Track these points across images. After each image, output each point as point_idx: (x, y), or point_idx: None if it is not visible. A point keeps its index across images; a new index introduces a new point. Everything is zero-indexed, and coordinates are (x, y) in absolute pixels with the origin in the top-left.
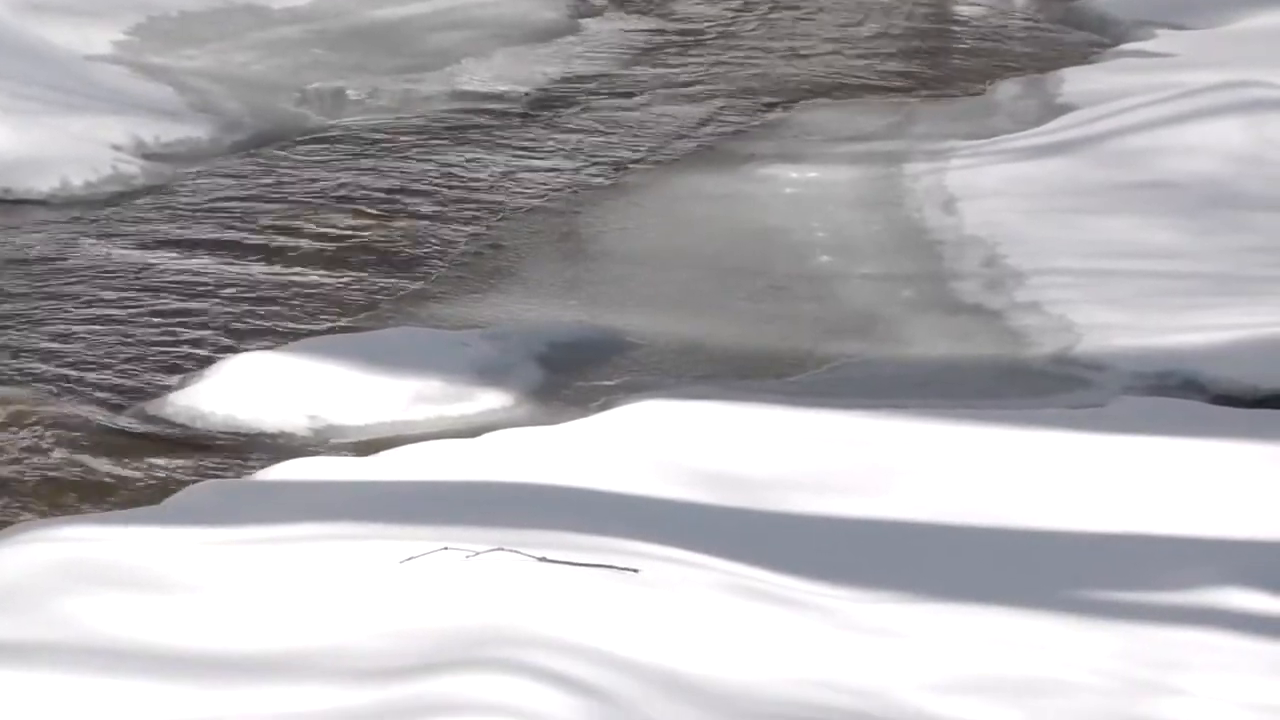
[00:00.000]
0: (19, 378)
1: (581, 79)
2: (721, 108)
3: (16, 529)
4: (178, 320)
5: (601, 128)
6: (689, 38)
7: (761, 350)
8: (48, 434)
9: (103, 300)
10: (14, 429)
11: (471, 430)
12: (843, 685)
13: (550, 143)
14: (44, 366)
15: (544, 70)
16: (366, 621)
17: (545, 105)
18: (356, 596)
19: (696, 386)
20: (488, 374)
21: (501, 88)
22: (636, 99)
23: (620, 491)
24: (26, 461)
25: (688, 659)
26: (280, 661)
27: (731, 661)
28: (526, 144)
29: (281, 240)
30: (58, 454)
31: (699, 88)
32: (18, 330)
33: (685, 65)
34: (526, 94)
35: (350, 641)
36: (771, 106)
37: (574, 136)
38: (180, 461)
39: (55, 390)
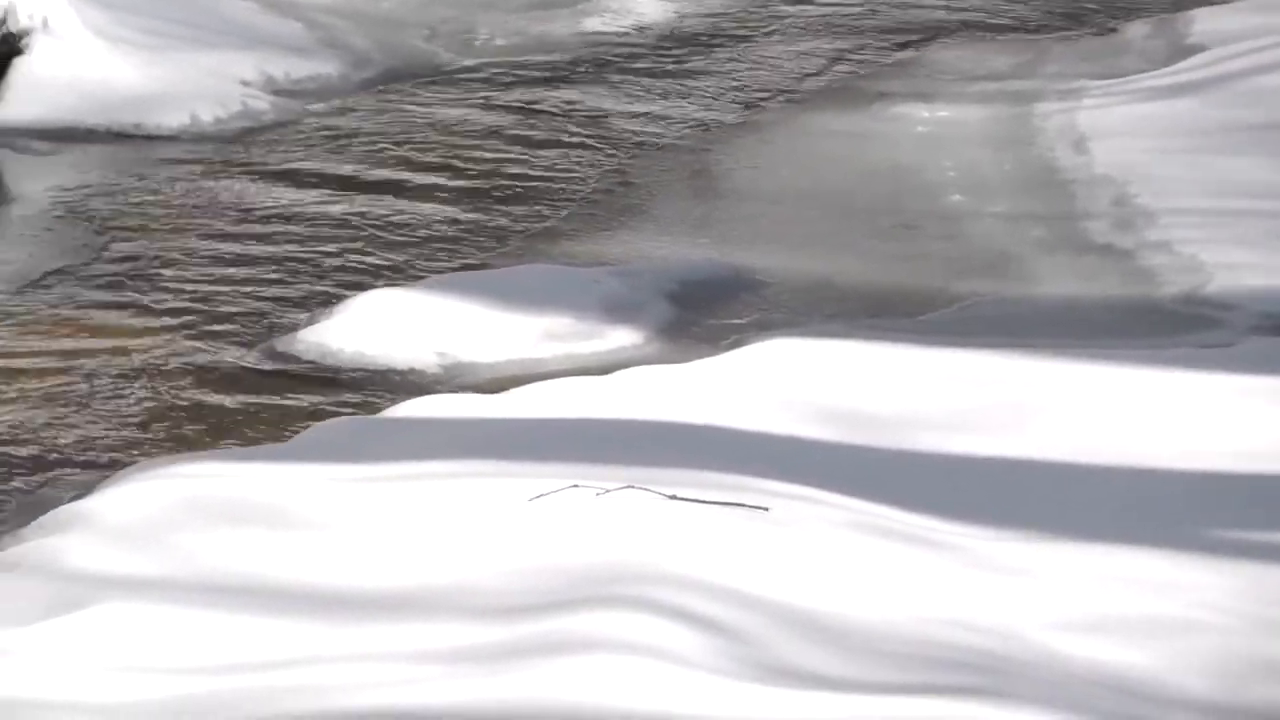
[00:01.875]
0: (148, 314)
1: (713, 16)
2: (853, 46)
3: (144, 466)
4: (307, 256)
5: (733, 66)
6: None
7: (891, 288)
8: (176, 371)
9: (232, 236)
10: (143, 365)
11: (601, 368)
12: (971, 624)
13: (681, 80)
14: (173, 303)
15: (675, 8)
16: (495, 559)
17: (677, 43)
18: (485, 534)
19: (827, 325)
20: (618, 311)
21: (632, 26)
22: (769, 38)
23: (750, 429)
24: (155, 398)
25: (817, 597)
26: (408, 599)
27: (860, 600)
28: (657, 81)
29: (410, 176)
30: (186, 390)
31: (831, 26)
32: (147, 267)
33: (817, 3)
34: (657, 32)
35: (479, 580)
36: (903, 45)
37: (705, 74)
38: (309, 398)
39: (184, 327)
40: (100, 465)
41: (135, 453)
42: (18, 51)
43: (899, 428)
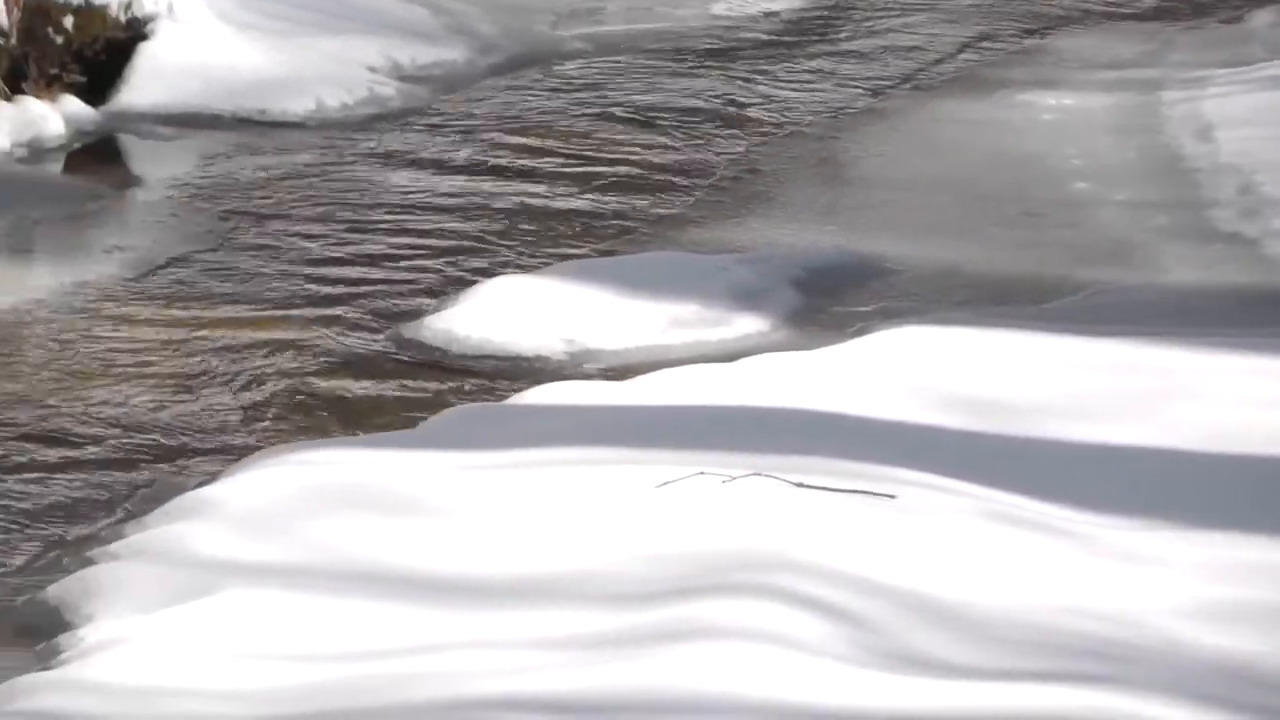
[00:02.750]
0: (273, 301)
1: (840, 3)
2: (979, 34)
3: (271, 452)
4: (433, 243)
5: (860, 52)
6: None
7: (1017, 276)
8: (301, 357)
9: (358, 222)
10: (268, 352)
11: (728, 355)
12: (1095, 611)
13: (808, 67)
14: (299, 290)
15: None
16: (620, 546)
17: (803, 30)
18: (611, 521)
19: (953, 312)
20: (745, 298)
21: (759, 11)
22: (895, 24)
23: (877, 417)
24: (280, 385)
25: (942, 584)
26: (533, 586)
27: (985, 587)
28: (784, 67)
29: (536, 163)
30: (311, 377)
31: (957, 14)
32: (274, 251)
33: None
34: (784, 18)
35: (604, 566)
36: (1029, 33)
37: (832, 61)
38: (435, 385)
39: (310, 314)
40: (225, 452)
41: (260, 439)
42: (143, 37)
43: (1024, 415)
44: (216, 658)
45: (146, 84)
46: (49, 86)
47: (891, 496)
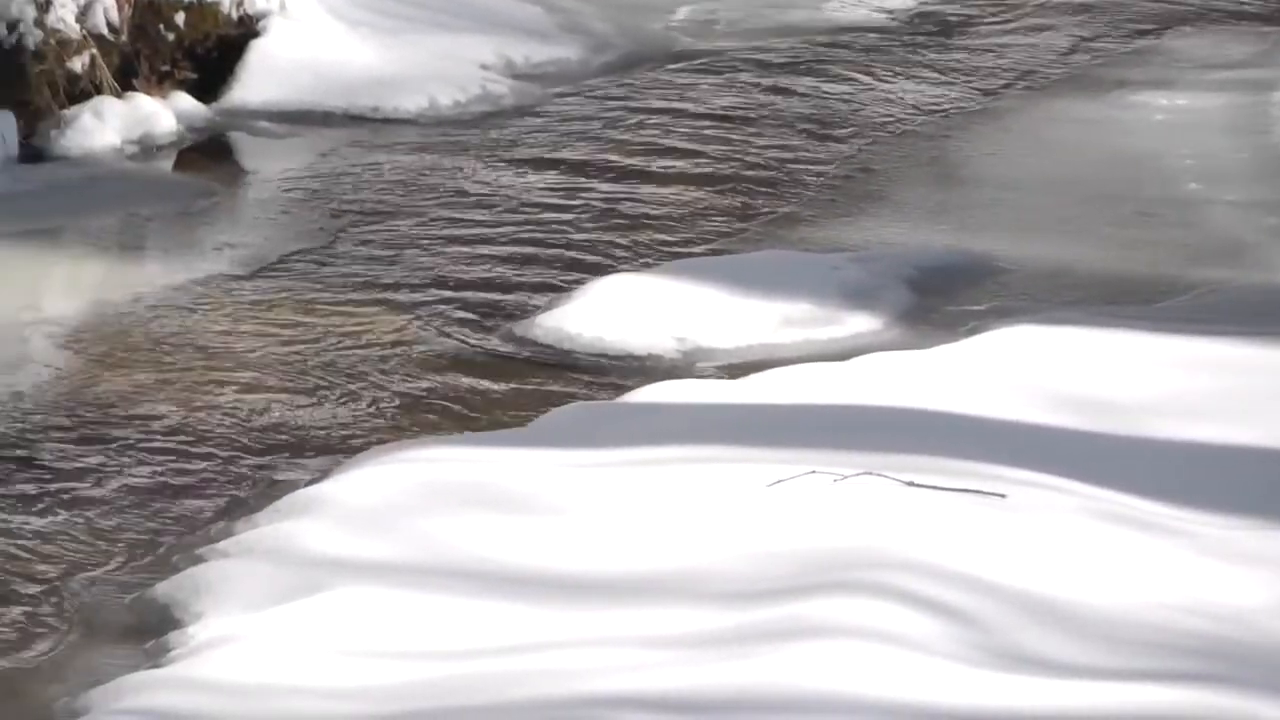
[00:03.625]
0: (385, 298)
1: (953, 3)
2: (1091, 33)
3: (382, 450)
4: (545, 240)
5: (971, 53)
6: None
7: (1128, 275)
8: (413, 355)
9: (470, 220)
10: (379, 349)
11: (840, 353)
12: (1206, 611)
13: (920, 68)
14: (411, 287)
15: None
16: (732, 545)
17: (916, 29)
18: (722, 519)
19: (1065, 311)
20: (856, 297)
21: (872, 14)
22: (1007, 24)
23: (988, 416)
24: (391, 382)
25: (1053, 583)
26: (644, 584)
27: (1096, 586)
28: (896, 67)
29: (649, 161)
30: (423, 375)
31: (1069, 13)
32: (384, 250)
33: None
34: (897, 18)
35: (715, 565)
36: (1141, 34)
37: (945, 60)
38: (547, 382)
39: (422, 311)
40: (337, 449)
41: (372, 437)
42: (255, 34)
43: (1135, 414)
44: (325, 656)
45: (258, 81)
46: (160, 83)
47: (1002, 496)
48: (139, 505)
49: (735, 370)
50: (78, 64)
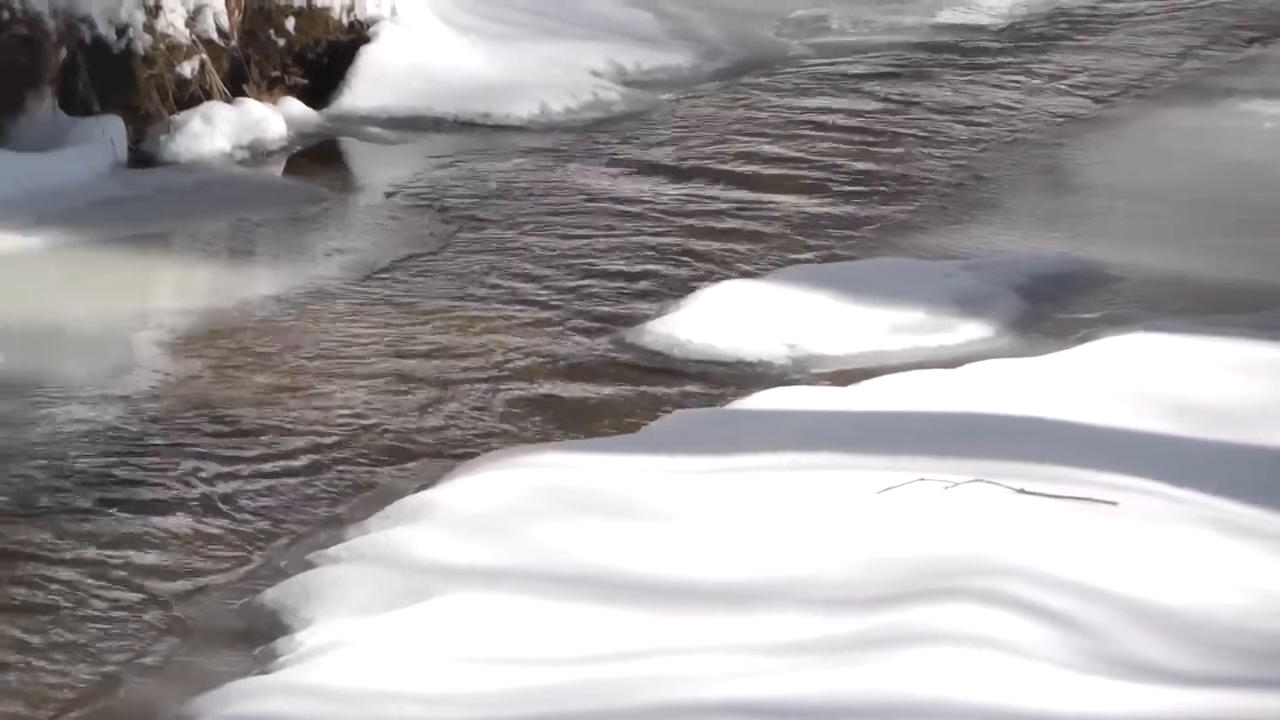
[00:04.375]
0: (495, 304)
1: (1063, 11)
2: (1201, 42)
3: (493, 456)
4: (656, 247)
5: (1083, 60)
6: None
7: (1238, 284)
8: (524, 361)
9: (581, 226)
10: (492, 354)
11: (951, 361)
12: None
13: (1032, 74)
14: (521, 293)
15: (1025, 1)
16: (843, 551)
17: (1027, 37)
18: (833, 526)
19: (1175, 320)
20: (968, 305)
21: (981, 20)
22: (1118, 32)
23: (1098, 423)
24: (502, 388)
25: (1164, 591)
26: (755, 591)
27: (1207, 595)
28: (1006, 76)
29: (760, 168)
30: (534, 381)
31: (1180, 22)
32: (497, 255)
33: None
34: (1007, 25)
35: (826, 571)
36: (1250, 42)
37: (1055, 68)
38: (658, 389)
39: (532, 317)
40: (446, 455)
41: (482, 443)
42: (365, 39)
43: (1245, 423)
44: (435, 662)
45: (369, 86)
46: (270, 89)
47: (1112, 503)
48: (248, 511)
49: (846, 377)
50: (187, 69)
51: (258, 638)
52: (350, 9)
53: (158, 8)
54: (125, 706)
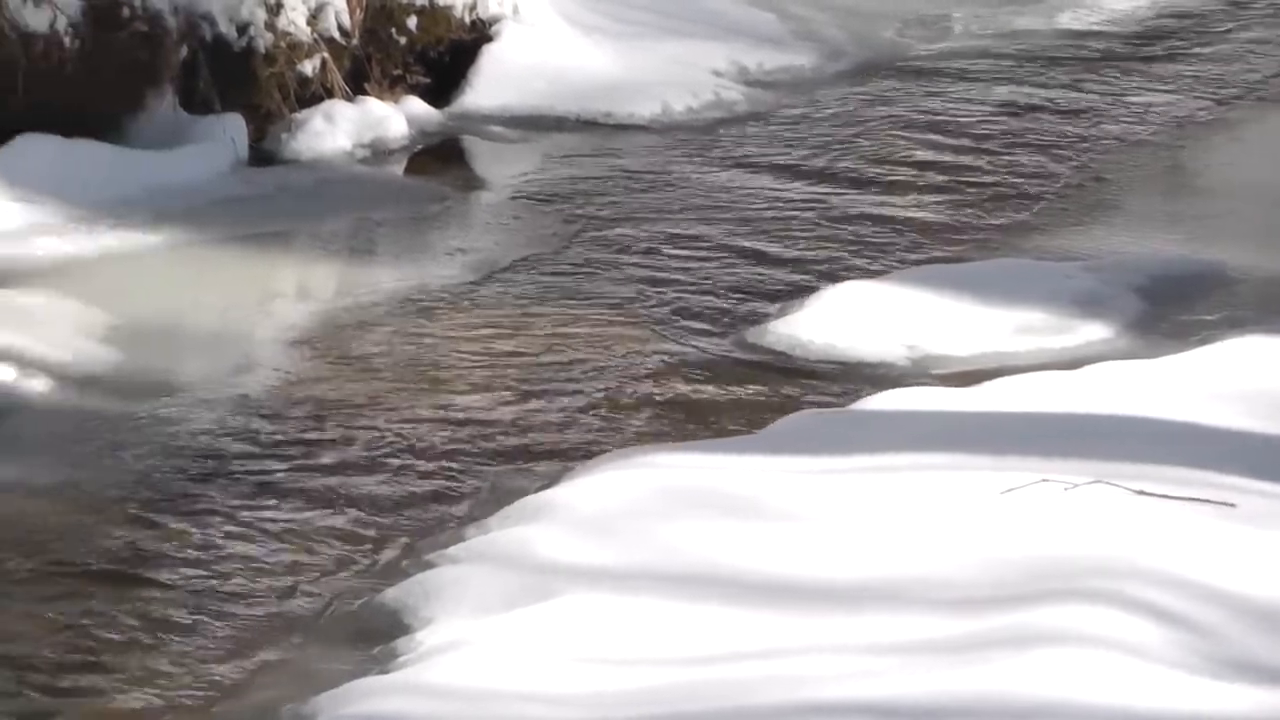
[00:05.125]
0: (618, 304)
1: (1185, 13)
2: None
3: (614, 455)
4: (778, 248)
5: (1204, 62)
6: None
7: None
8: (646, 361)
9: (703, 226)
10: (613, 353)
11: (1071, 362)
12: None
13: (1153, 75)
14: (643, 291)
15: (1148, 3)
16: (963, 552)
17: (1149, 39)
18: (955, 526)
19: None
20: (1088, 306)
21: (1102, 21)
22: (1241, 34)
23: (1218, 425)
24: (623, 388)
25: None
26: (877, 591)
27: None
28: (1128, 76)
29: (881, 169)
30: (656, 381)
31: None
32: (619, 254)
33: None
34: (1129, 27)
35: (947, 572)
36: None
37: (1177, 70)
38: (779, 389)
39: (654, 317)
40: (567, 455)
41: (603, 443)
42: (487, 38)
43: None
44: (556, 662)
45: (491, 85)
46: (391, 87)
47: (1232, 505)
48: (368, 511)
49: (967, 378)
50: (308, 67)
51: (377, 637)
52: (472, 7)
53: (279, 6)
54: (244, 705)
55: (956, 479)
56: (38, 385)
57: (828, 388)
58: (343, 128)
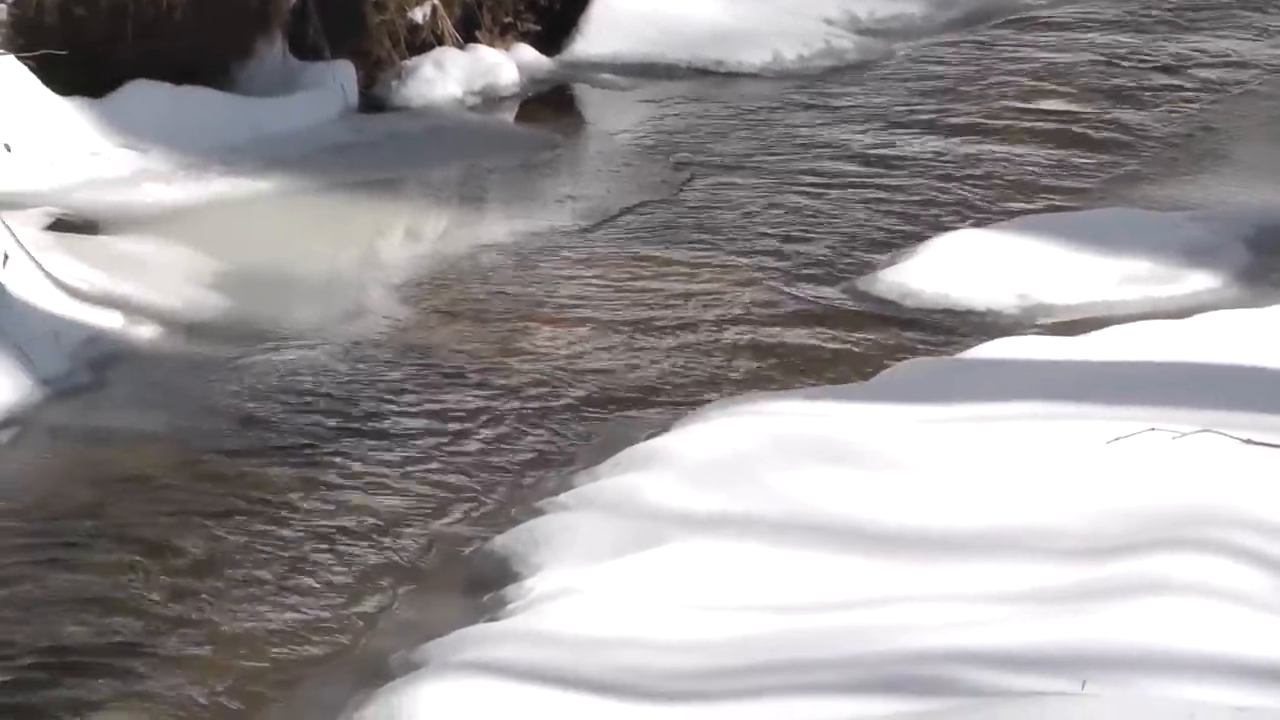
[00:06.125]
0: (728, 252)
1: None
2: None
3: (726, 403)
4: (887, 196)
5: None
6: None
7: None
8: (755, 308)
9: (813, 174)
10: (723, 301)
11: (1179, 311)
12: None
13: (1258, 29)
14: (753, 239)
15: None
16: (1070, 502)
17: None
18: (1061, 476)
19: None
20: (1196, 255)
21: None
22: None
23: None
24: (733, 334)
25: None
26: (982, 540)
27: None
28: (1237, 28)
29: (991, 118)
30: (765, 328)
31: None
32: (729, 202)
33: None
34: None
35: (1053, 521)
36: None
37: None
38: (889, 337)
39: (765, 265)
40: (676, 403)
41: (712, 391)
42: None
43: None
44: (666, 608)
45: (601, 33)
46: (502, 35)
47: None
48: (477, 458)
49: (1075, 327)
50: (419, 14)
51: (486, 584)
52: None
53: None
54: (354, 652)
55: (1064, 428)
56: (146, 332)
57: (937, 336)
58: (453, 75)
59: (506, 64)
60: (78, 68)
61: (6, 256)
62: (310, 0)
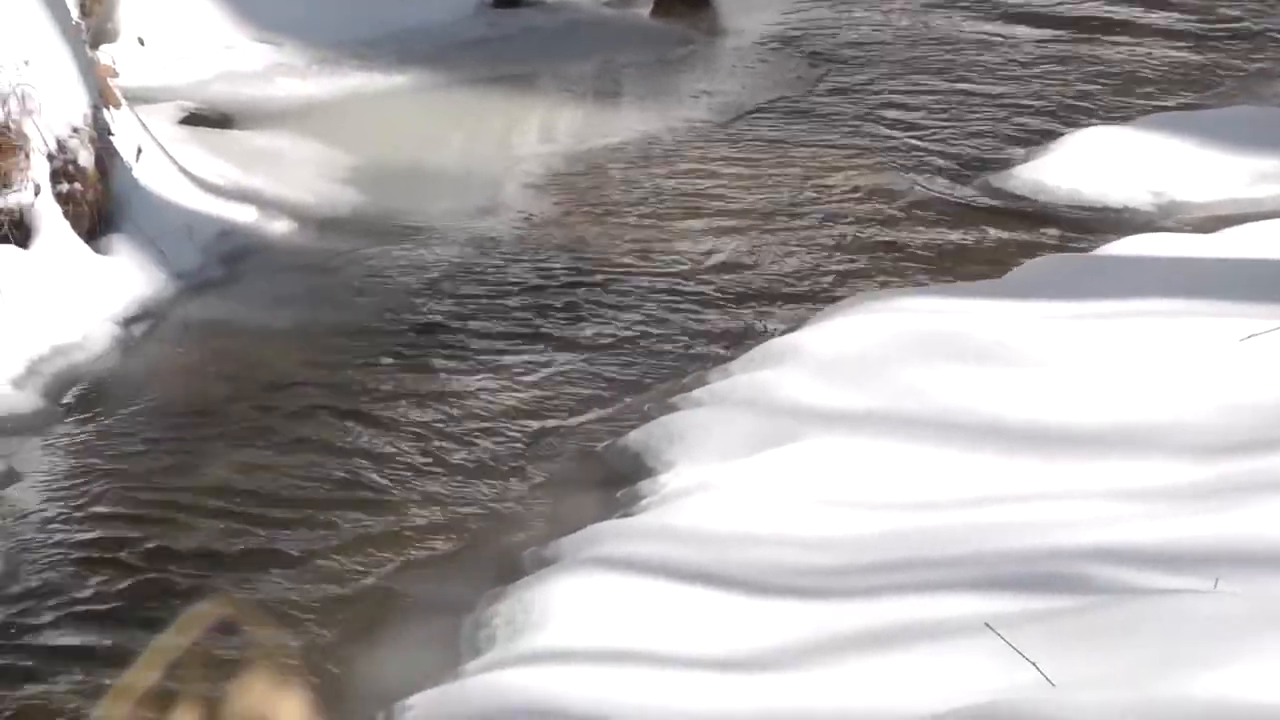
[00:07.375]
0: (863, 147)
1: None
2: None
3: (858, 299)
4: (1023, 93)
5: None
6: None
7: None
8: (889, 203)
9: (950, 71)
10: (856, 198)
11: None
12: None
13: None
14: (889, 137)
15: None
16: (1204, 398)
17: None
18: (1195, 373)
19: None
20: None
21: None
22: None
23: None
24: (868, 230)
25: None
26: (1117, 437)
27: None
28: None
29: (1127, 15)
30: (899, 225)
31: None
32: (864, 99)
33: None
34: None
35: (1187, 418)
36: None
37: None
38: (1023, 233)
39: (900, 161)
40: (811, 298)
41: (847, 285)
42: None
43: None
44: (798, 505)
45: None
46: None
47: None
48: (611, 353)
49: (1209, 224)
50: None
51: (620, 479)
52: None
53: None
54: (488, 548)
55: (1197, 325)
56: (279, 227)
57: (1072, 233)
58: None
59: None
60: None
61: (140, 150)
62: None
